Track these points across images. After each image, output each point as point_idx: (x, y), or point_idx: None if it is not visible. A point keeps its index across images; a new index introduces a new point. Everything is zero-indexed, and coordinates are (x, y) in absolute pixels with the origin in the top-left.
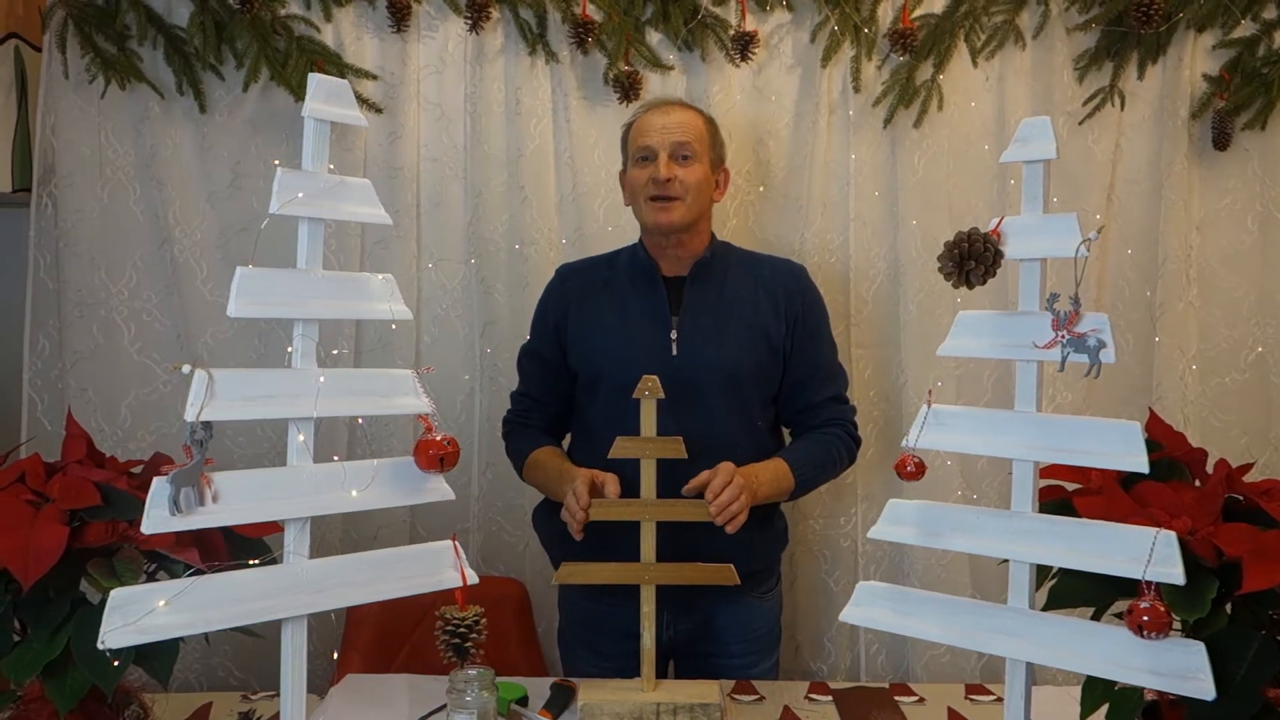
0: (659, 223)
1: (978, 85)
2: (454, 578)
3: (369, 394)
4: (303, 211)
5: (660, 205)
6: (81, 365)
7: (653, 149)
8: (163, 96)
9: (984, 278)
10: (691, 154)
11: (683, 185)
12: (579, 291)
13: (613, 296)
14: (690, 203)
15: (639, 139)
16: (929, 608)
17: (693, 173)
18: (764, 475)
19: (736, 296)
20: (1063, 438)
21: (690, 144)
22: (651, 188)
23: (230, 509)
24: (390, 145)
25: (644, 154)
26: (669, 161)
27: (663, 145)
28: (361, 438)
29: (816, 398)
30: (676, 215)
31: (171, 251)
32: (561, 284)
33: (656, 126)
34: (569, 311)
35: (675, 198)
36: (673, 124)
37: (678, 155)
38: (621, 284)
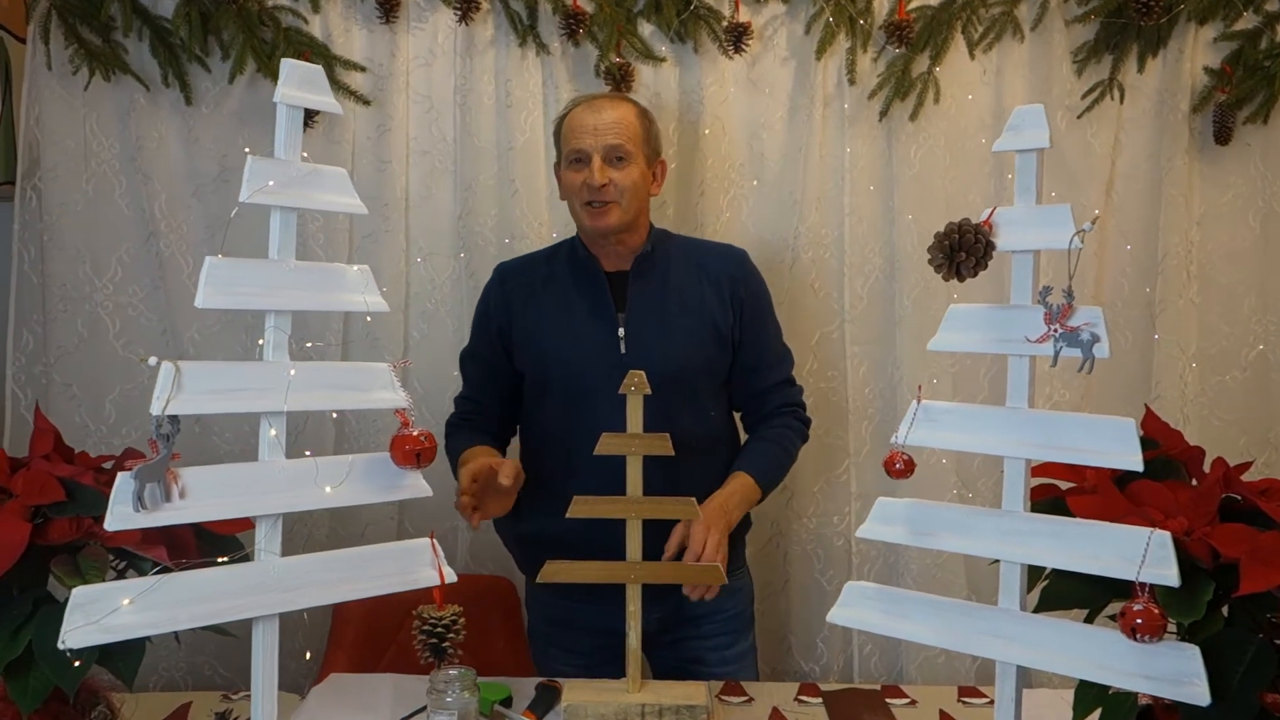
0: (596, 227)
1: (975, 78)
2: (431, 576)
3: (343, 388)
4: (274, 200)
5: (596, 210)
6: (66, 360)
7: (585, 152)
8: (148, 88)
9: (975, 270)
10: (625, 155)
11: (618, 189)
12: (521, 293)
13: (556, 296)
14: (626, 204)
15: (571, 140)
16: (918, 609)
17: (628, 175)
18: (734, 501)
19: (681, 288)
20: (1055, 435)
21: (624, 145)
22: (586, 192)
23: (198, 505)
24: (379, 138)
25: (576, 156)
26: (603, 166)
27: (595, 149)
28: (350, 434)
29: (765, 383)
30: (613, 219)
31: (157, 245)
32: (501, 285)
33: (588, 128)
34: (512, 315)
35: (611, 201)
36: (605, 125)
37: (611, 158)
38: (563, 282)
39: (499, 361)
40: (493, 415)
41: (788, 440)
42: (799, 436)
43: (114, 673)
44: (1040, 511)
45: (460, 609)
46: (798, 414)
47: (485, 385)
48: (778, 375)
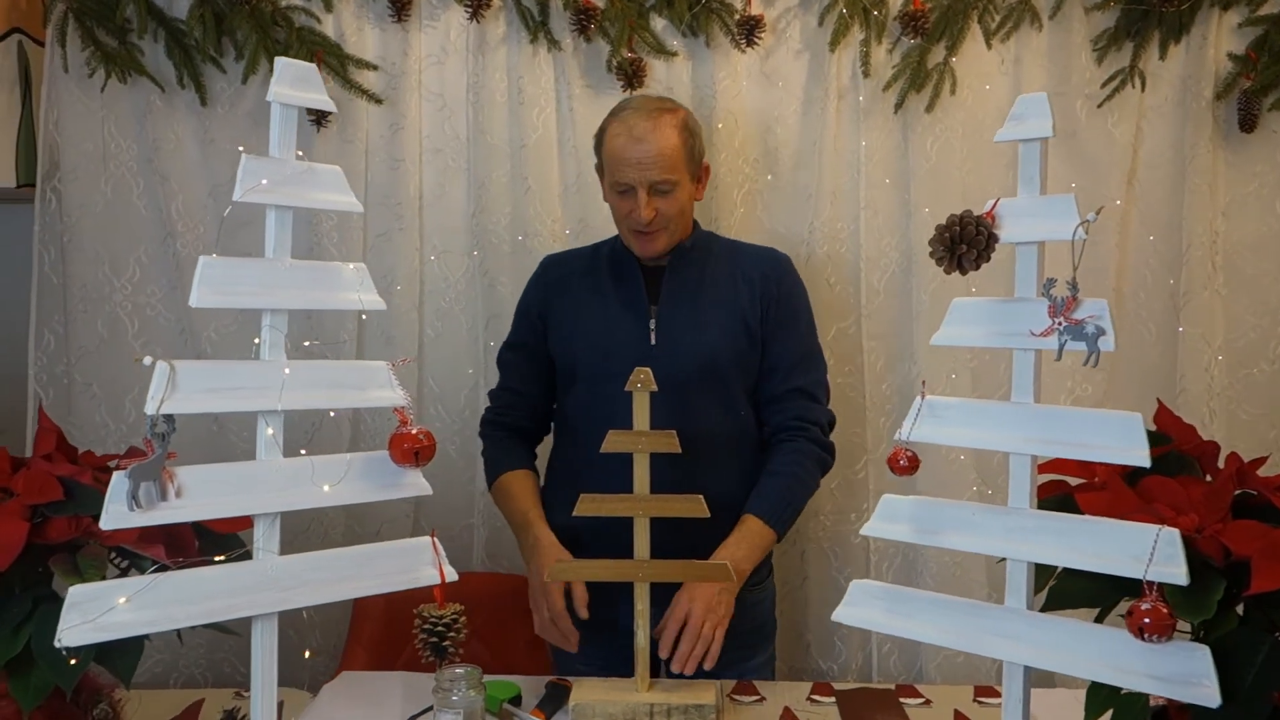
0: (644, 252)
1: (992, 68)
2: (432, 575)
3: (340, 386)
4: (268, 199)
5: (642, 238)
6: (86, 360)
7: (631, 187)
8: (163, 90)
9: (977, 263)
10: (671, 186)
11: (664, 217)
12: (560, 282)
13: (592, 285)
14: (673, 228)
15: (615, 171)
16: (924, 608)
17: (674, 202)
18: (741, 552)
19: (715, 283)
20: (1061, 430)
21: (669, 178)
22: (633, 221)
23: (194, 504)
24: (392, 136)
25: (620, 188)
26: (649, 200)
27: (641, 184)
28: (365, 433)
29: (780, 388)
30: (660, 244)
31: (174, 246)
32: (544, 274)
33: (633, 161)
34: (550, 301)
35: (658, 230)
36: (649, 159)
37: (656, 190)
38: (601, 273)
39: (540, 348)
40: (530, 408)
41: (801, 470)
42: (815, 463)
43: (111, 671)
44: (1049, 508)
45: (461, 608)
46: (811, 434)
47: (525, 373)
48: (795, 382)
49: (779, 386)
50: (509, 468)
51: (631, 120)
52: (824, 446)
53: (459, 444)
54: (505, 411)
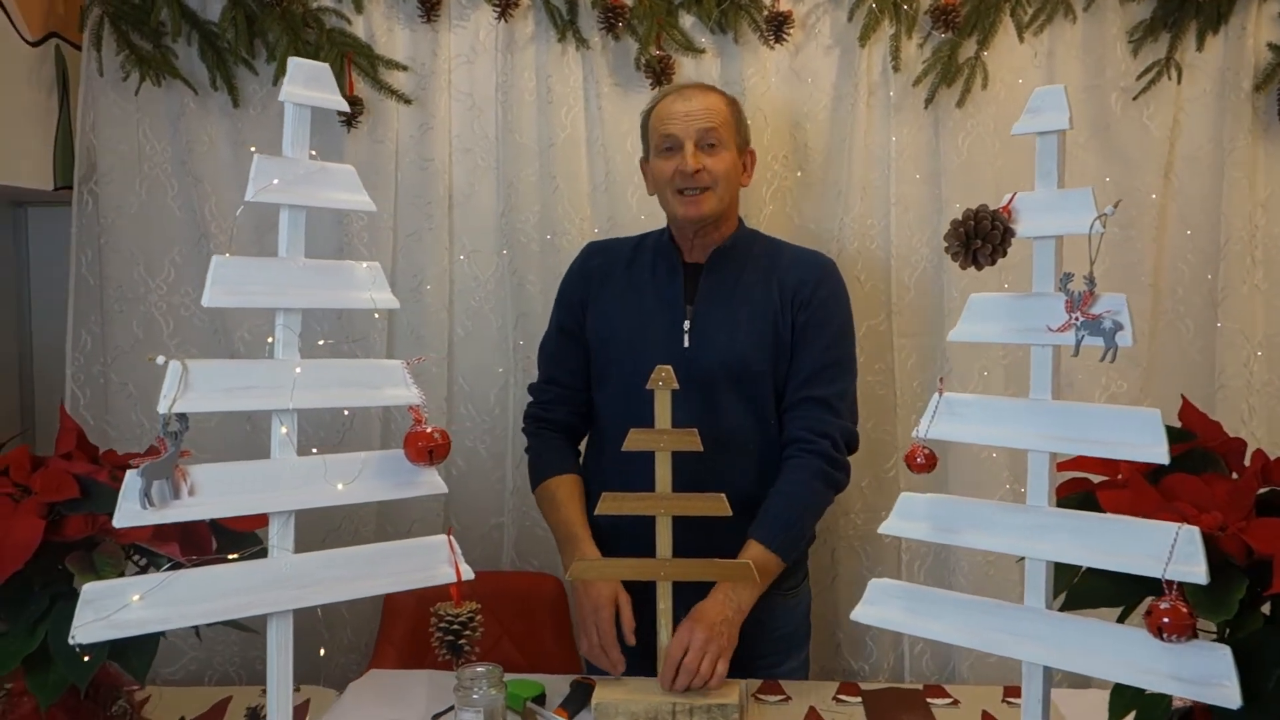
0: (689, 215)
1: (1025, 61)
2: (448, 573)
3: (354, 385)
4: (281, 198)
5: (689, 198)
6: (122, 360)
7: (677, 138)
8: (196, 92)
9: (993, 258)
10: (718, 141)
11: (711, 175)
12: (601, 271)
13: (632, 280)
14: (721, 192)
15: (661, 127)
16: (943, 607)
17: (721, 161)
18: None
19: (751, 286)
20: (1079, 427)
21: (717, 129)
22: (679, 180)
23: (207, 502)
24: (422, 136)
25: (668, 144)
26: (696, 151)
27: (687, 134)
28: (397, 431)
29: (796, 396)
30: (707, 207)
31: (208, 247)
32: (586, 261)
33: (679, 114)
34: (590, 290)
35: (705, 188)
36: (696, 110)
37: (704, 144)
38: (642, 267)
39: (581, 333)
40: (576, 401)
41: (804, 491)
42: (821, 482)
43: (126, 668)
44: (1070, 506)
45: (478, 606)
46: (818, 448)
47: (571, 362)
48: (811, 391)
49: (795, 394)
50: (556, 472)
51: (681, 89)
52: (833, 462)
53: (489, 443)
54: (552, 406)
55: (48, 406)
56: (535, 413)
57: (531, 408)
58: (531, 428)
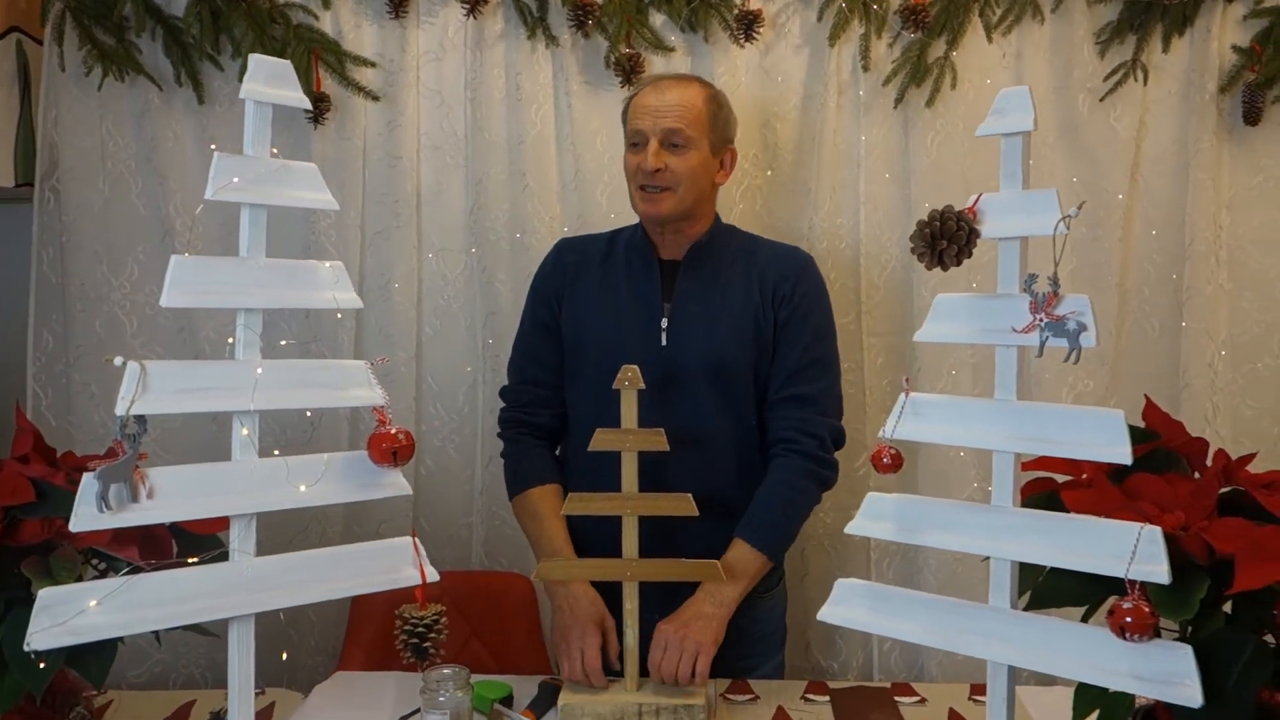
0: (646, 213)
1: (994, 62)
2: (413, 575)
3: (316, 386)
4: (241, 197)
5: (649, 195)
6: (85, 360)
7: (644, 134)
8: (161, 88)
9: (958, 258)
10: (684, 141)
11: (673, 175)
12: (574, 268)
13: (605, 277)
14: (682, 193)
15: (632, 120)
16: (908, 607)
17: (685, 161)
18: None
19: (730, 283)
20: (1043, 427)
21: (683, 130)
22: (641, 176)
23: (166, 505)
24: (390, 134)
25: (635, 139)
26: (659, 150)
27: (654, 131)
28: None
29: (779, 394)
30: (665, 207)
31: (173, 245)
32: (560, 257)
33: (650, 109)
34: (564, 285)
35: (665, 188)
36: (666, 107)
37: (668, 143)
38: (617, 265)
39: (559, 329)
40: (555, 401)
41: (792, 492)
42: (809, 481)
43: (83, 674)
44: (1034, 506)
45: (442, 608)
46: (803, 447)
47: (548, 360)
48: (793, 389)
49: (778, 393)
50: (537, 481)
51: (661, 81)
52: (820, 461)
53: (458, 442)
54: (530, 409)
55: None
56: (515, 416)
57: (509, 411)
58: (511, 433)
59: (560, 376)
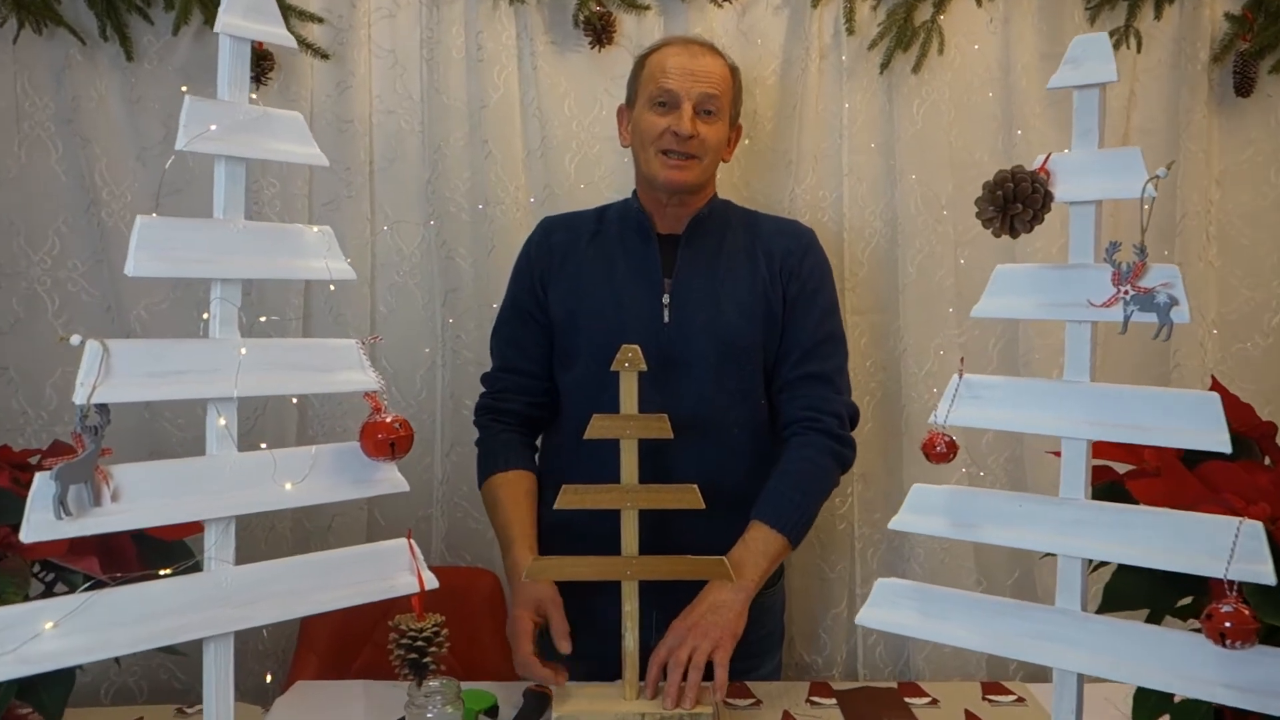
0: (671, 180)
1: (981, 26)
2: (409, 582)
3: (304, 369)
4: (217, 148)
5: (674, 162)
6: (1, 342)
7: (676, 95)
8: (84, 43)
9: (1031, 224)
10: (716, 109)
11: (703, 144)
12: (563, 246)
13: (599, 254)
14: (706, 163)
15: (659, 78)
16: (962, 609)
17: (715, 131)
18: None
19: (734, 257)
20: (1123, 412)
21: (718, 97)
22: (668, 140)
23: (134, 509)
24: (339, 96)
25: (663, 98)
26: (694, 116)
27: (688, 94)
28: (314, 419)
29: (793, 374)
30: (691, 175)
31: (99, 215)
32: (546, 237)
33: (684, 70)
34: (551, 266)
35: (693, 156)
36: (702, 71)
37: (702, 109)
38: (610, 240)
39: (543, 317)
40: (535, 390)
41: (813, 469)
42: (830, 459)
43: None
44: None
45: (442, 618)
46: (824, 425)
47: (528, 348)
48: (808, 367)
49: (792, 372)
50: (501, 468)
51: (689, 42)
52: (840, 440)
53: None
54: (505, 396)
55: None
56: (486, 403)
57: (483, 398)
58: (484, 420)
59: (540, 364)
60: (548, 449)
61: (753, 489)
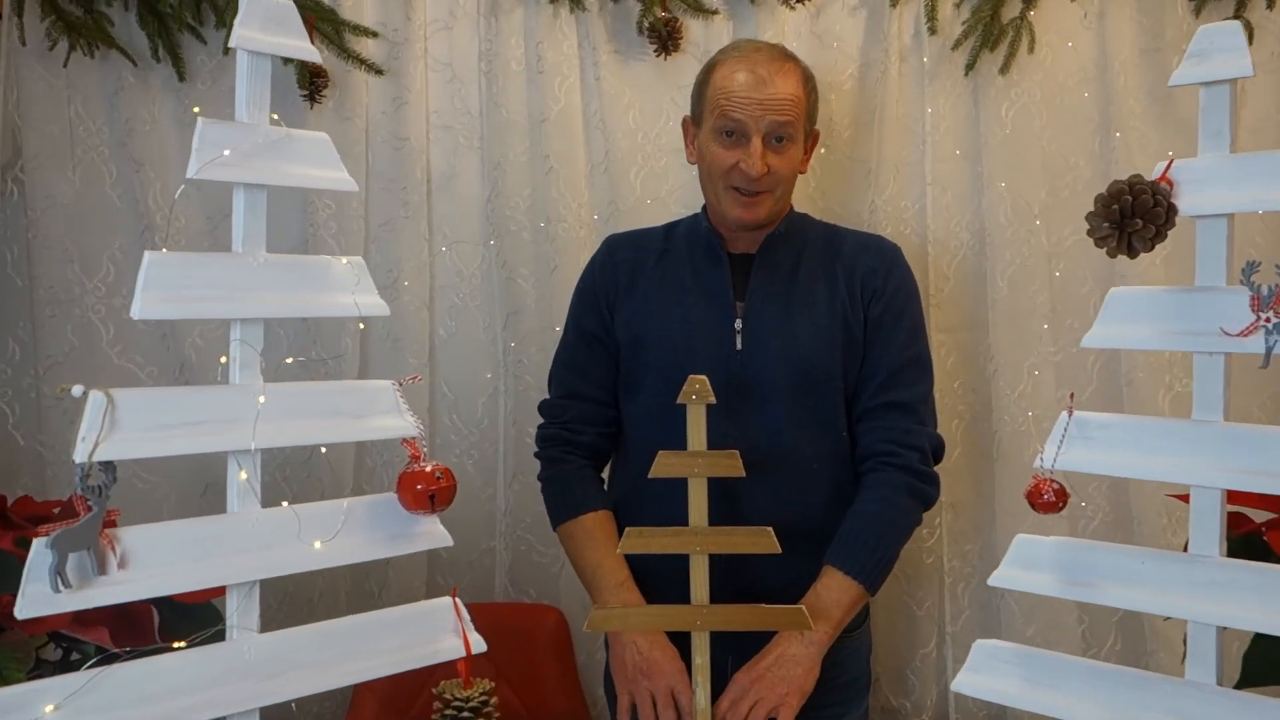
0: (742, 219)
1: (1074, 22)
2: (455, 646)
3: (333, 415)
4: (233, 175)
5: (745, 200)
6: (56, 371)
7: (744, 127)
8: (135, 64)
9: (1152, 242)
10: (789, 136)
11: (774, 178)
12: (629, 266)
13: (667, 275)
14: (780, 194)
15: (725, 107)
16: (1074, 678)
17: (788, 159)
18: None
19: (812, 278)
20: (1264, 456)
21: (791, 124)
22: (737, 177)
23: (144, 577)
24: (395, 112)
25: (730, 129)
26: (764, 151)
27: (756, 127)
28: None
29: (873, 402)
30: (764, 211)
31: (153, 240)
32: (610, 255)
33: (751, 100)
34: (618, 289)
35: (764, 191)
36: (771, 99)
37: (773, 137)
38: (678, 260)
39: (611, 341)
40: (601, 418)
41: (890, 511)
42: (910, 498)
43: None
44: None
45: (491, 685)
46: (903, 460)
47: (596, 373)
48: (889, 395)
49: (872, 400)
50: (587, 508)
51: (754, 57)
52: (921, 476)
53: (476, 458)
54: (576, 426)
55: None
56: (555, 433)
57: (550, 428)
58: (554, 452)
59: (607, 391)
60: (612, 481)
61: (833, 527)
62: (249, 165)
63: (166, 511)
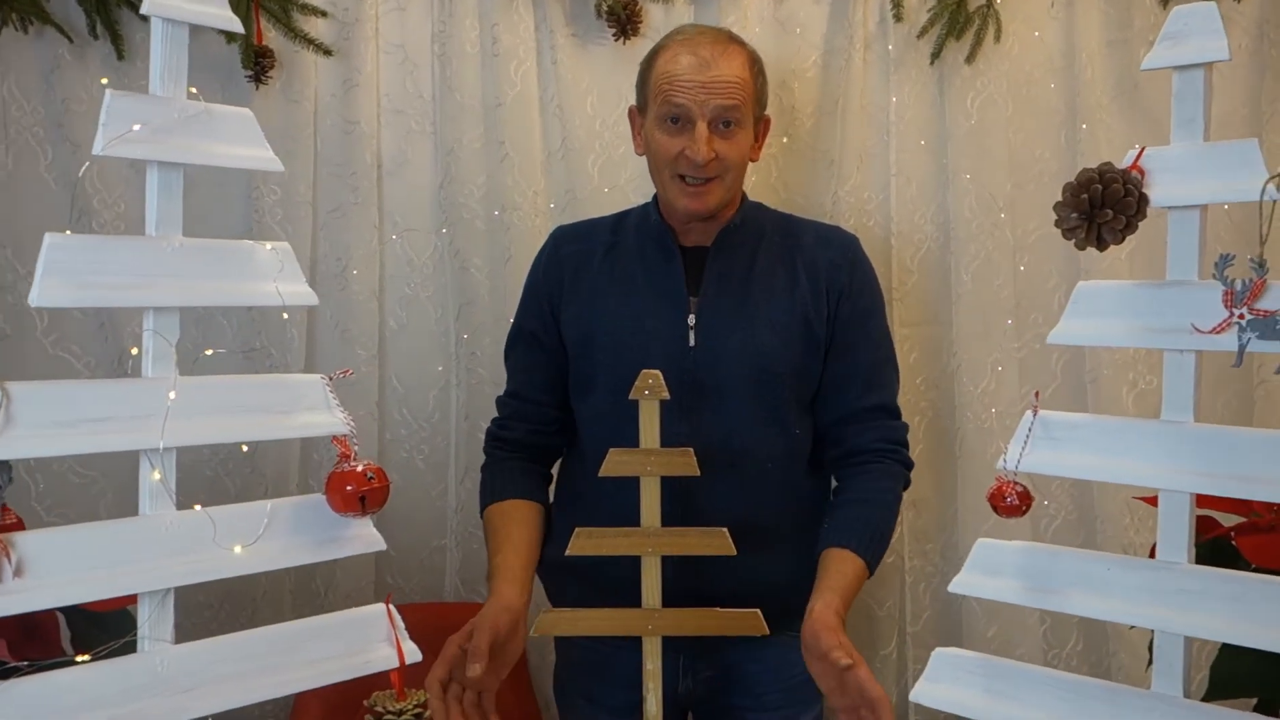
0: (690, 209)
1: (1041, 12)
2: (388, 656)
3: (255, 411)
4: (144, 152)
5: (693, 189)
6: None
7: (688, 112)
8: (72, 41)
9: (1123, 233)
10: (737, 120)
11: (723, 163)
12: (575, 260)
13: (616, 269)
14: (730, 181)
15: (669, 93)
16: (1035, 688)
17: (737, 144)
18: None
19: (770, 272)
20: (1235, 459)
21: (738, 107)
22: (683, 165)
23: (42, 586)
24: (345, 95)
25: (674, 115)
26: (709, 136)
27: (701, 112)
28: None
29: (861, 404)
30: (714, 199)
31: (91, 225)
32: (556, 250)
33: (694, 84)
34: (564, 283)
35: (713, 178)
36: (715, 81)
37: (719, 122)
38: (628, 254)
39: (552, 341)
40: (542, 418)
41: (891, 498)
42: (902, 489)
43: None
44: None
45: (424, 696)
46: (899, 456)
47: (535, 374)
48: (874, 399)
49: (860, 401)
50: (497, 497)
51: (698, 40)
52: (909, 468)
53: (427, 453)
54: (508, 423)
55: None
56: (491, 430)
57: (491, 425)
58: (488, 448)
59: (549, 392)
60: (564, 481)
61: (785, 525)
62: (162, 142)
63: (104, 509)
